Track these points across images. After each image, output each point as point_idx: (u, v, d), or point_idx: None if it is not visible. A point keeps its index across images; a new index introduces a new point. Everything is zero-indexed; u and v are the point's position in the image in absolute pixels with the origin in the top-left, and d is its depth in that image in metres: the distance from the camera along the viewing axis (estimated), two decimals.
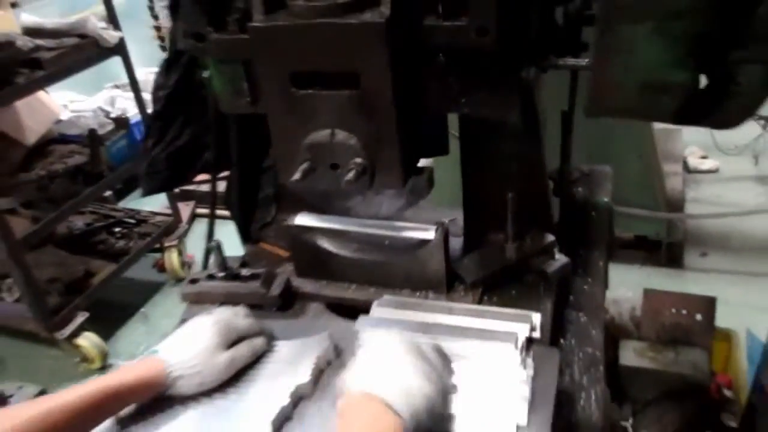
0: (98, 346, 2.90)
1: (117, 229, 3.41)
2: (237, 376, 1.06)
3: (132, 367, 1.00)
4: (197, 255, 3.51)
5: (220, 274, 1.28)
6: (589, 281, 1.35)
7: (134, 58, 3.06)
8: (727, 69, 0.80)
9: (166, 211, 3.53)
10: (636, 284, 2.34)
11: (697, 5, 0.78)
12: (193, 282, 1.30)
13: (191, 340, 1.04)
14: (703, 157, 3.94)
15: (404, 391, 0.82)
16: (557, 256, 1.24)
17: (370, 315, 1.16)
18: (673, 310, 2.15)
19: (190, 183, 1.67)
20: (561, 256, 1.24)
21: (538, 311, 1.12)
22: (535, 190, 1.24)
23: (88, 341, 2.87)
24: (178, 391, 1.02)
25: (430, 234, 1.21)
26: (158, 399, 1.02)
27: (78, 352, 2.86)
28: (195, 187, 3.78)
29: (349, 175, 0.93)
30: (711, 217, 3.38)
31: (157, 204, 3.73)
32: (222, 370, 1.04)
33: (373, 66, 0.87)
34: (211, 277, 1.29)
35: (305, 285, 1.31)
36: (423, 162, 1.12)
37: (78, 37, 2.76)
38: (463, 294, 1.23)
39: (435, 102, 0.98)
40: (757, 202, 3.54)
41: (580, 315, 1.27)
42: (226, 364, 1.04)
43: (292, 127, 0.96)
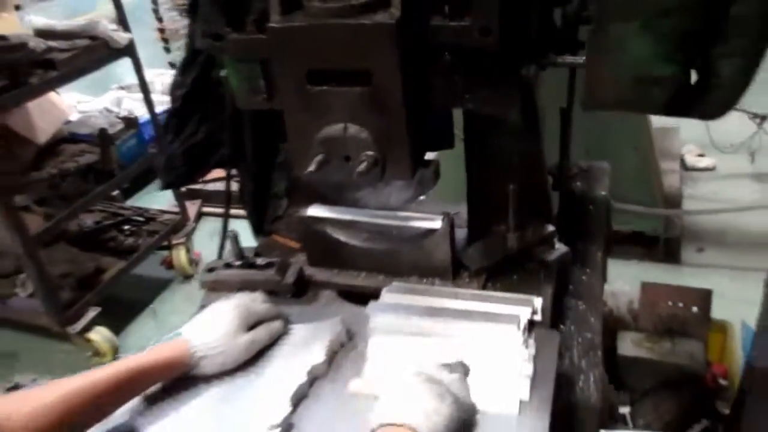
0: (110, 341, 2.93)
1: (126, 227, 3.42)
2: (256, 357, 1.12)
3: (159, 348, 1.05)
4: (204, 252, 3.56)
5: (237, 263, 1.31)
6: (588, 272, 1.36)
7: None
8: (709, 63, 0.84)
9: (174, 209, 3.55)
10: (634, 279, 2.34)
11: (685, 3, 0.81)
12: (211, 270, 1.33)
13: (213, 324, 1.09)
14: (700, 155, 3.97)
15: (424, 415, 0.85)
16: (557, 245, 1.25)
17: (380, 300, 1.18)
18: (670, 303, 2.18)
19: (197, 182, 1.69)
20: (560, 245, 1.26)
21: (539, 296, 1.14)
22: (536, 183, 1.24)
23: (100, 335, 2.90)
24: (202, 371, 1.07)
25: (436, 224, 1.24)
26: (182, 378, 1.07)
27: (90, 346, 2.89)
28: (201, 186, 3.81)
29: (361, 167, 0.96)
30: (707, 213, 3.40)
31: (165, 202, 3.76)
32: (242, 351, 1.09)
33: (384, 64, 0.90)
34: (228, 266, 1.32)
35: (317, 273, 1.34)
36: (429, 155, 1.15)
37: (89, 39, 2.78)
38: (467, 281, 1.26)
39: (441, 98, 1.00)
40: (753, 199, 3.56)
41: (579, 303, 1.28)
42: (246, 345, 1.09)
43: (307, 122, 0.99)
